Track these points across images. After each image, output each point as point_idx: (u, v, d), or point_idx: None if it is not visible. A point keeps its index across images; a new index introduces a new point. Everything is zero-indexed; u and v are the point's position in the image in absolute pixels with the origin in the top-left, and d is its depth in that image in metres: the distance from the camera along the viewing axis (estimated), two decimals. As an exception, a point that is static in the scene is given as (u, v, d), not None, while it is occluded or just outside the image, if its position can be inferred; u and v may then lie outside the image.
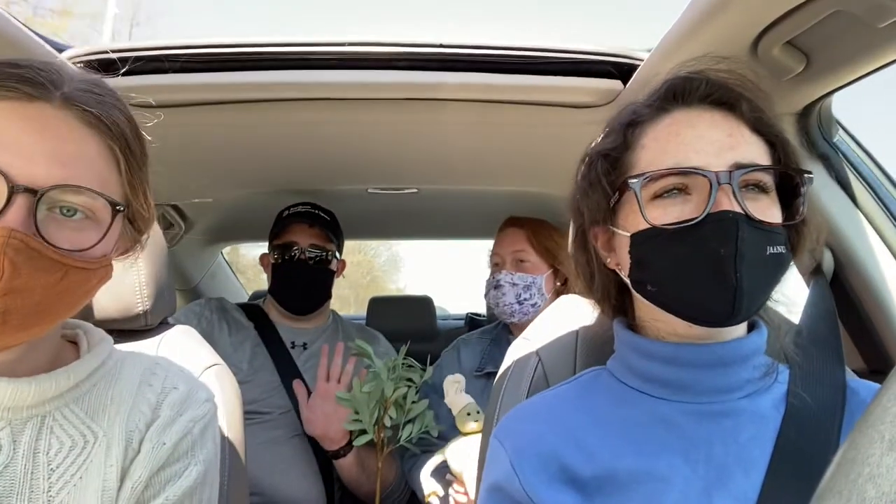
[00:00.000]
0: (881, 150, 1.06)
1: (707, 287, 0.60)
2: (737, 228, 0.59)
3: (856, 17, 0.71)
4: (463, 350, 1.64)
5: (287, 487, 1.46)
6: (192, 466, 0.70)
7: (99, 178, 0.60)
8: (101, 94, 0.63)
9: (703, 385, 0.65)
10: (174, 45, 1.06)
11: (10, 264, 0.53)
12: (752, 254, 0.59)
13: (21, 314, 0.56)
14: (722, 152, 0.62)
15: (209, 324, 1.62)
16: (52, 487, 0.62)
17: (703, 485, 0.61)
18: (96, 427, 0.66)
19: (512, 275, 1.54)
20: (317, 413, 1.45)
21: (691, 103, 0.66)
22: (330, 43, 1.07)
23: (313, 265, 1.65)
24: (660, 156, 0.64)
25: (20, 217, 0.54)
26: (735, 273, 0.58)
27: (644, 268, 0.66)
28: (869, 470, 0.27)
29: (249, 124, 1.26)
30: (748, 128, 0.65)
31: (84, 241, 0.59)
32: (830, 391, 0.68)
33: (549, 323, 0.97)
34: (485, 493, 0.71)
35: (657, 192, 0.64)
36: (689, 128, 0.64)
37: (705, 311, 0.62)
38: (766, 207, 0.62)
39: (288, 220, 1.66)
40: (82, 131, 0.60)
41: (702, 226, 0.60)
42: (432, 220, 2.35)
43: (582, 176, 0.74)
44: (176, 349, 0.97)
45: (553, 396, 0.75)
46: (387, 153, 1.49)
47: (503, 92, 1.11)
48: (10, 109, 0.57)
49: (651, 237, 0.64)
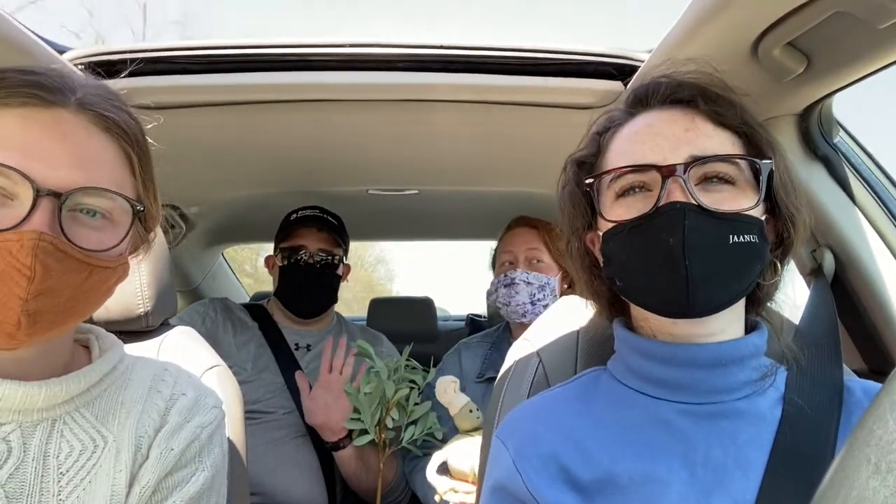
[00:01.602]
0: (882, 151, 1.06)
1: (661, 278, 0.62)
2: (683, 218, 0.60)
3: (856, 18, 0.71)
4: (464, 354, 1.62)
5: (289, 488, 1.47)
6: (199, 472, 0.70)
7: (116, 180, 0.63)
8: (111, 99, 0.65)
9: (701, 385, 0.65)
10: (174, 47, 1.06)
11: (41, 266, 0.55)
12: (705, 242, 0.60)
13: (51, 314, 0.58)
14: (679, 147, 0.63)
15: (213, 324, 1.62)
16: (62, 491, 0.62)
17: (701, 487, 0.61)
18: (106, 431, 0.67)
19: (527, 273, 1.51)
20: (318, 403, 1.46)
21: (653, 105, 0.69)
22: (330, 44, 1.07)
23: (320, 269, 1.65)
24: (621, 156, 0.68)
25: (46, 219, 0.56)
26: (684, 262, 0.59)
27: (611, 264, 0.68)
28: (856, 493, 0.27)
29: (249, 126, 1.26)
30: (710, 122, 0.66)
31: (104, 241, 0.61)
32: (828, 392, 0.68)
33: (550, 324, 0.97)
34: (488, 493, 0.71)
35: (618, 191, 0.66)
36: (646, 127, 0.67)
37: (664, 301, 0.63)
38: (731, 198, 0.63)
39: (296, 224, 1.66)
40: (99, 135, 0.62)
41: (653, 218, 0.62)
42: (433, 222, 2.35)
43: (562, 185, 0.77)
44: (177, 350, 0.97)
45: (554, 397, 0.75)
46: (387, 154, 1.49)
47: (504, 93, 1.12)
48: (29, 116, 0.58)
49: (614, 234, 0.66)
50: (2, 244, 0.54)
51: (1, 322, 0.55)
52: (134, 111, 0.68)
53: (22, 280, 0.54)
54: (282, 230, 1.70)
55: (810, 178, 1.00)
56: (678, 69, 0.71)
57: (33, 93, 0.59)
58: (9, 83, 0.59)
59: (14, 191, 0.56)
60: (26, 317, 0.55)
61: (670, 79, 0.70)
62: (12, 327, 0.55)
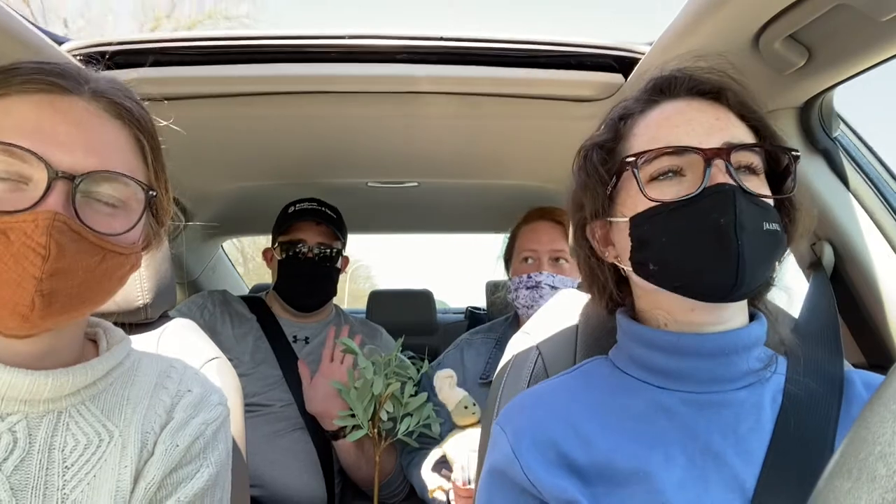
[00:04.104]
0: (882, 144, 1.06)
1: (710, 258, 0.61)
2: (734, 198, 0.60)
3: (858, 11, 0.71)
4: (467, 352, 1.57)
5: (287, 480, 1.47)
6: (203, 468, 0.71)
7: (129, 166, 0.64)
8: (122, 89, 0.67)
9: (703, 374, 0.66)
10: (173, 38, 1.06)
11: (56, 245, 0.55)
12: (751, 225, 0.60)
13: (65, 296, 0.58)
14: (712, 133, 0.64)
15: (212, 316, 1.62)
16: (67, 485, 0.63)
17: (700, 474, 0.61)
18: (112, 426, 0.67)
19: (553, 276, 1.45)
20: (319, 392, 1.47)
21: (678, 95, 0.69)
22: (329, 36, 1.07)
23: (319, 263, 1.65)
24: (653, 140, 0.67)
25: (61, 201, 0.57)
26: (737, 240, 0.59)
27: (646, 247, 0.67)
28: (880, 448, 0.27)
29: (248, 117, 1.26)
30: (734, 114, 0.67)
31: (117, 225, 0.62)
32: (828, 382, 0.68)
33: (549, 317, 0.97)
34: (486, 476, 0.72)
35: (653, 174, 0.65)
36: (678, 114, 0.67)
37: (709, 284, 0.62)
38: (758, 187, 0.64)
39: (294, 217, 1.66)
40: (112, 122, 0.64)
41: (700, 199, 0.61)
42: (433, 215, 2.35)
43: (579, 167, 0.76)
44: (176, 342, 0.97)
45: (554, 385, 0.76)
46: (386, 146, 1.49)
47: (504, 85, 1.11)
48: (45, 102, 0.60)
49: (650, 216, 0.65)
50: (17, 225, 0.55)
51: (16, 303, 0.56)
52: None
53: (37, 259, 0.55)
54: (280, 223, 1.69)
55: (810, 172, 1.00)
56: (692, 64, 0.71)
57: (49, 80, 0.60)
58: (24, 72, 0.61)
59: (29, 173, 0.57)
60: (40, 297, 0.56)
61: (688, 73, 0.70)
62: (26, 308, 0.56)
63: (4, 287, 0.55)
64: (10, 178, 0.57)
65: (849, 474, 0.28)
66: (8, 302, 0.56)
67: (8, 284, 0.55)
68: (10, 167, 0.57)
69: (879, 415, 0.28)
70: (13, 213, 0.55)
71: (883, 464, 0.27)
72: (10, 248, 0.55)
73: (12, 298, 0.56)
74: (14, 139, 0.56)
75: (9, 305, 0.56)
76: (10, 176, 0.57)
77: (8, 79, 0.60)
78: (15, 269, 0.55)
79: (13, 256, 0.55)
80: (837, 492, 0.28)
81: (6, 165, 0.57)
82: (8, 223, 0.55)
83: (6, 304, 0.56)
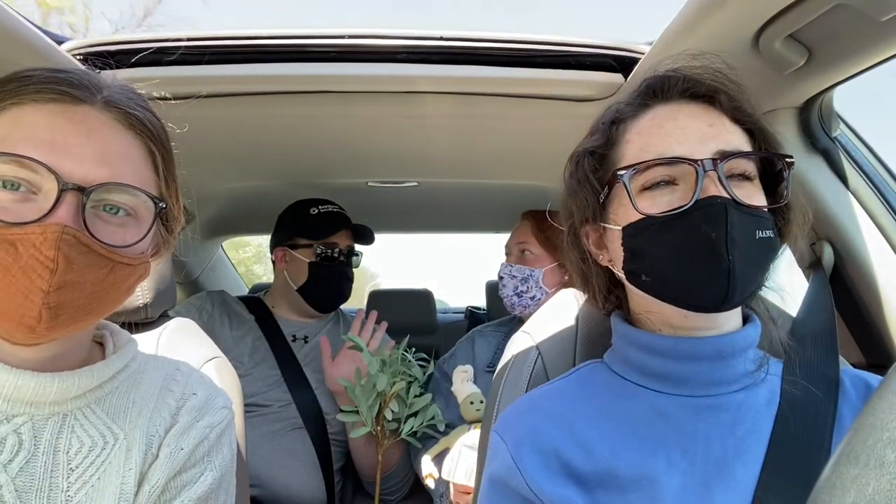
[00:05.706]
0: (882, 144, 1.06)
1: (701, 272, 0.61)
2: (726, 213, 0.60)
3: (858, 10, 0.71)
4: (478, 342, 1.65)
5: (287, 479, 1.47)
6: (207, 472, 0.71)
7: (140, 177, 0.63)
8: (136, 98, 0.66)
9: (700, 378, 0.66)
10: (172, 38, 1.05)
11: (64, 258, 0.55)
12: (742, 237, 0.60)
13: (72, 308, 0.58)
14: (705, 141, 0.63)
15: (210, 317, 1.62)
16: (71, 487, 0.63)
17: (701, 479, 0.61)
18: (117, 429, 0.67)
19: (511, 266, 1.55)
20: (340, 370, 1.50)
21: (671, 98, 0.68)
22: (329, 35, 1.06)
23: (349, 266, 1.71)
24: (645, 149, 0.66)
25: (70, 214, 0.57)
26: (728, 256, 0.59)
27: (638, 258, 0.66)
28: (889, 434, 0.27)
29: (247, 117, 1.26)
30: (728, 118, 0.66)
31: (127, 237, 0.62)
32: (825, 382, 0.68)
33: (549, 317, 0.97)
34: (487, 486, 0.72)
35: (645, 184, 0.65)
36: (670, 120, 0.66)
37: (700, 296, 0.62)
38: (752, 194, 0.63)
39: (325, 220, 1.68)
40: (124, 133, 0.63)
41: (691, 212, 0.61)
42: (433, 214, 2.35)
43: (570, 174, 0.76)
44: (176, 342, 0.97)
45: (551, 391, 0.75)
46: (386, 146, 1.48)
47: (504, 85, 1.11)
48: (57, 112, 0.60)
49: (642, 228, 0.65)
50: (25, 237, 0.55)
51: (22, 315, 0.56)
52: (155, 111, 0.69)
53: (45, 272, 0.55)
54: (307, 225, 1.68)
55: (810, 172, 1.00)
56: (686, 64, 0.70)
57: (61, 89, 0.60)
58: (37, 80, 0.60)
59: (39, 184, 0.57)
60: (47, 310, 0.56)
61: (682, 73, 0.69)
62: (33, 320, 0.56)
63: (12, 298, 0.55)
64: (21, 189, 0.57)
65: (856, 461, 0.28)
66: (15, 313, 0.56)
67: (16, 296, 0.55)
68: (20, 177, 0.57)
69: (888, 401, 0.28)
70: (22, 224, 0.55)
71: (892, 450, 0.27)
72: (19, 261, 0.55)
73: (20, 310, 0.56)
74: (26, 150, 0.56)
75: (16, 317, 0.56)
76: (21, 186, 0.57)
77: (21, 87, 0.60)
78: (23, 281, 0.55)
79: (21, 269, 0.55)
80: (845, 478, 0.28)
81: (17, 175, 0.56)
82: (17, 235, 0.55)
83: (13, 316, 0.56)
